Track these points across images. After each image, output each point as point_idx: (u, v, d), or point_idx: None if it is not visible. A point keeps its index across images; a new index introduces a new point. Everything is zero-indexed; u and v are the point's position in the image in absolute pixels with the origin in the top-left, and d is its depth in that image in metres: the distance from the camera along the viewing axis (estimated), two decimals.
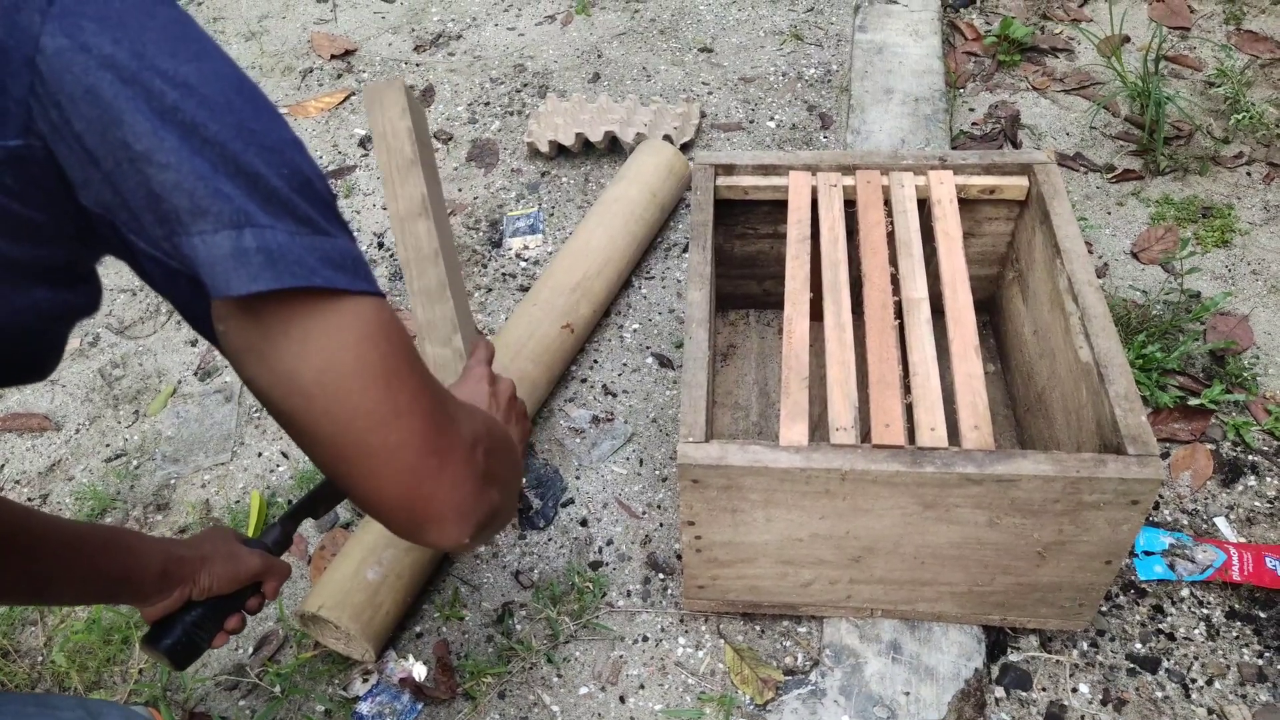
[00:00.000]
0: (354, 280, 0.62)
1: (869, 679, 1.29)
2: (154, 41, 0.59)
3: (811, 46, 2.42)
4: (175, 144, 0.58)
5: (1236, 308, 1.74)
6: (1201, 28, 2.37)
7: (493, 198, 2.10)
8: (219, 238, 0.59)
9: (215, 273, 0.59)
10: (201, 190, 0.58)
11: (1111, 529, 1.13)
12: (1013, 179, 1.45)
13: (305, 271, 0.60)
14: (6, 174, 0.59)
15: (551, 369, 1.63)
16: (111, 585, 0.99)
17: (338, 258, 0.62)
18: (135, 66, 0.58)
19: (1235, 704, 1.27)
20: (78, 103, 0.58)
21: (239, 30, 2.72)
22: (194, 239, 0.59)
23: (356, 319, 0.62)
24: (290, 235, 0.60)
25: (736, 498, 1.16)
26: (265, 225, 0.59)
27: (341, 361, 0.62)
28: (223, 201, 0.59)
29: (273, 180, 0.60)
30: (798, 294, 1.32)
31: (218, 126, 0.59)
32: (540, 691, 1.33)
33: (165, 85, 0.58)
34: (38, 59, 0.57)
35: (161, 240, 0.61)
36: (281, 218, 0.60)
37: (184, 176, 0.58)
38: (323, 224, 0.63)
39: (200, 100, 0.59)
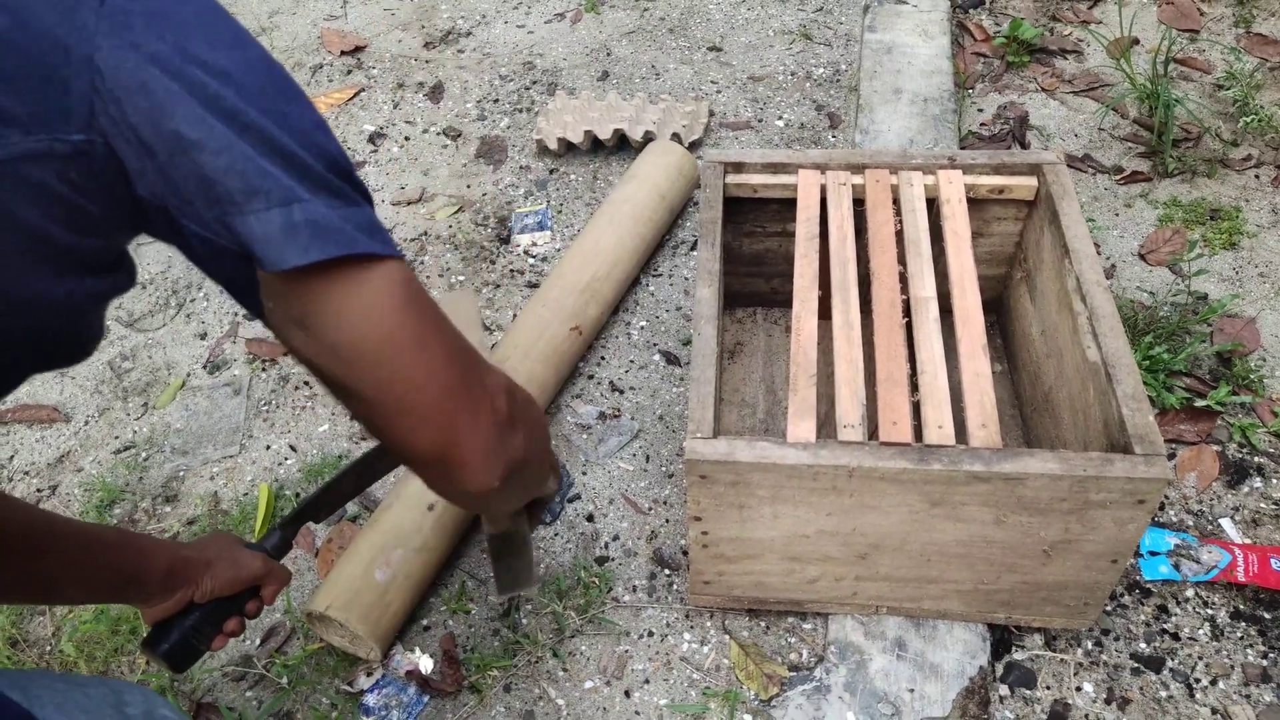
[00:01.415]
0: (385, 245, 0.67)
1: (874, 676, 1.29)
2: (193, 34, 0.63)
3: (820, 46, 2.43)
4: (223, 130, 0.62)
5: (1244, 310, 1.74)
6: (1211, 30, 2.37)
7: (501, 194, 2.11)
8: (271, 214, 0.63)
9: (270, 247, 0.63)
10: (252, 171, 0.62)
11: (1118, 528, 1.13)
12: (1022, 179, 1.45)
13: (347, 240, 0.64)
14: (72, 169, 0.62)
15: (560, 370, 1.64)
16: (118, 586, 1.01)
17: (368, 225, 0.67)
18: (179, 60, 0.61)
19: (1239, 704, 1.27)
20: (133, 96, 0.61)
21: (250, 25, 2.73)
22: (248, 218, 0.63)
23: (387, 282, 0.67)
24: (330, 208, 0.65)
25: (743, 493, 1.16)
26: (308, 199, 0.64)
27: (379, 329, 0.66)
28: (271, 181, 0.63)
29: (307, 159, 0.65)
30: (806, 291, 1.32)
31: (256, 113, 0.63)
32: (546, 685, 1.34)
33: (207, 76, 0.62)
34: (96, 57, 0.60)
35: (213, 221, 0.65)
36: (319, 193, 0.65)
37: (235, 160, 0.62)
38: (353, 195, 0.67)
39: (238, 89, 0.63)
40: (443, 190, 2.13)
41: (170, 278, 2.00)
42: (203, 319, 1.91)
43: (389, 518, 1.38)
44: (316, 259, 0.64)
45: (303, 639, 1.41)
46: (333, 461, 1.63)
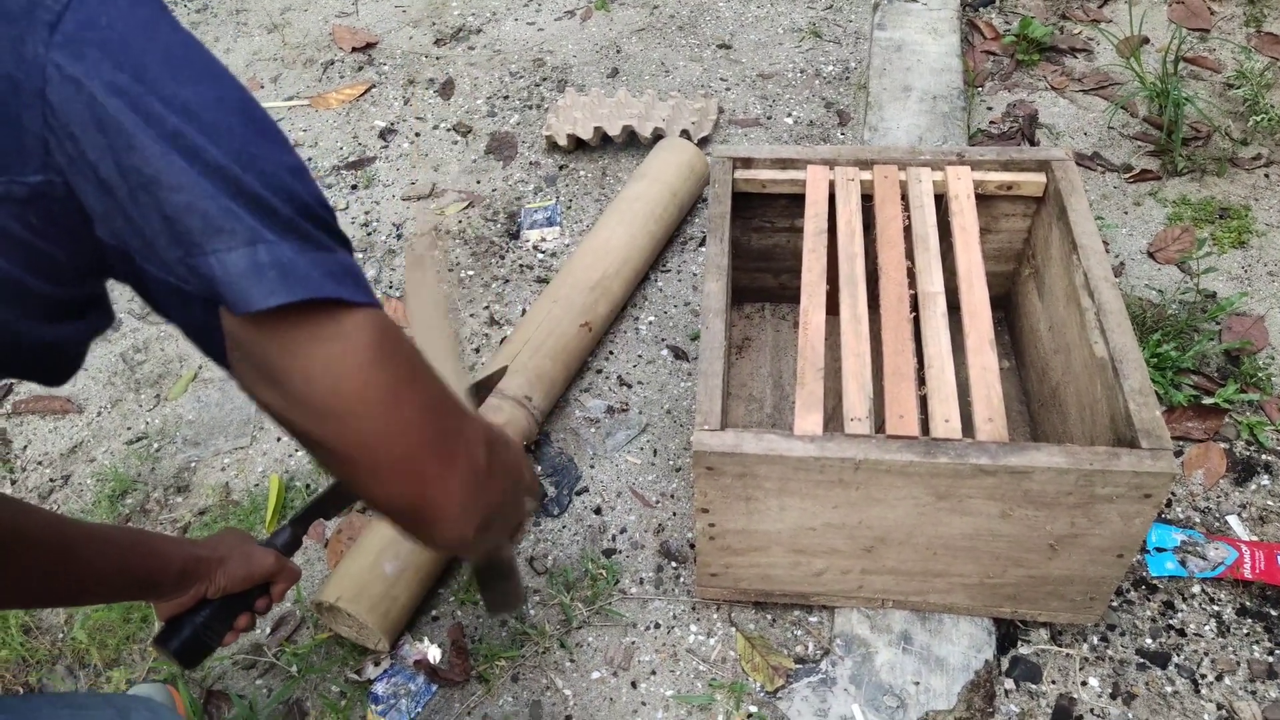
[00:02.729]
0: (356, 292, 0.63)
1: (879, 668, 1.29)
2: (156, 65, 0.59)
3: (830, 44, 2.43)
4: (184, 166, 0.59)
5: (1252, 308, 1.74)
6: (1221, 29, 2.36)
7: (510, 190, 2.12)
8: (235, 255, 0.60)
9: (234, 289, 0.60)
10: (214, 210, 0.59)
11: (1124, 522, 1.13)
12: (1030, 175, 1.45)
13: (314, 284, 0.61)
14: (30, 212, 0.60)
15: (569, 366, 1.65)
16: (135, 586, 1.03)
17: (340, 272, 0.63)
18: (139, 91, 0.58)
19: (1245, 700, 1.27)
20: (89, 132, 0.58)
21: (261, 22, 2.75)
22: (210, 258, 0.60)
23: (360, 332, 0.63)
24: (297, 252, 0.61)
25: (751, 486, 1.17)
26: (274, 241, 0.61)
27: (349, 381, 0.63)
28: (235, 220, 0.60)
29: (274, 202, 0.61)
30: (814, 286, 1.33)
31: (219, 152, 0.60)
32: (553, 675, 1.35)
33: (167, 110, 0.59)
34: (47, 90, 0.57)
35: (176, 264, 0.61)
36: (286, 237, 0.61)
37: (196, 197, 0.59)
38: (325, 240, 0.64)
39: (200, 126, 0.59)
40: (453, 186, 2.15)
41: None
42: None
43: None
44: (284, 301, 0.60)
45: (312, 628, 1.42)
46: None
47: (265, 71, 2.55)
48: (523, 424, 1.53)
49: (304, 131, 2.34)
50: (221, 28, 2.74)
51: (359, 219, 2.09)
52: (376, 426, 0.64)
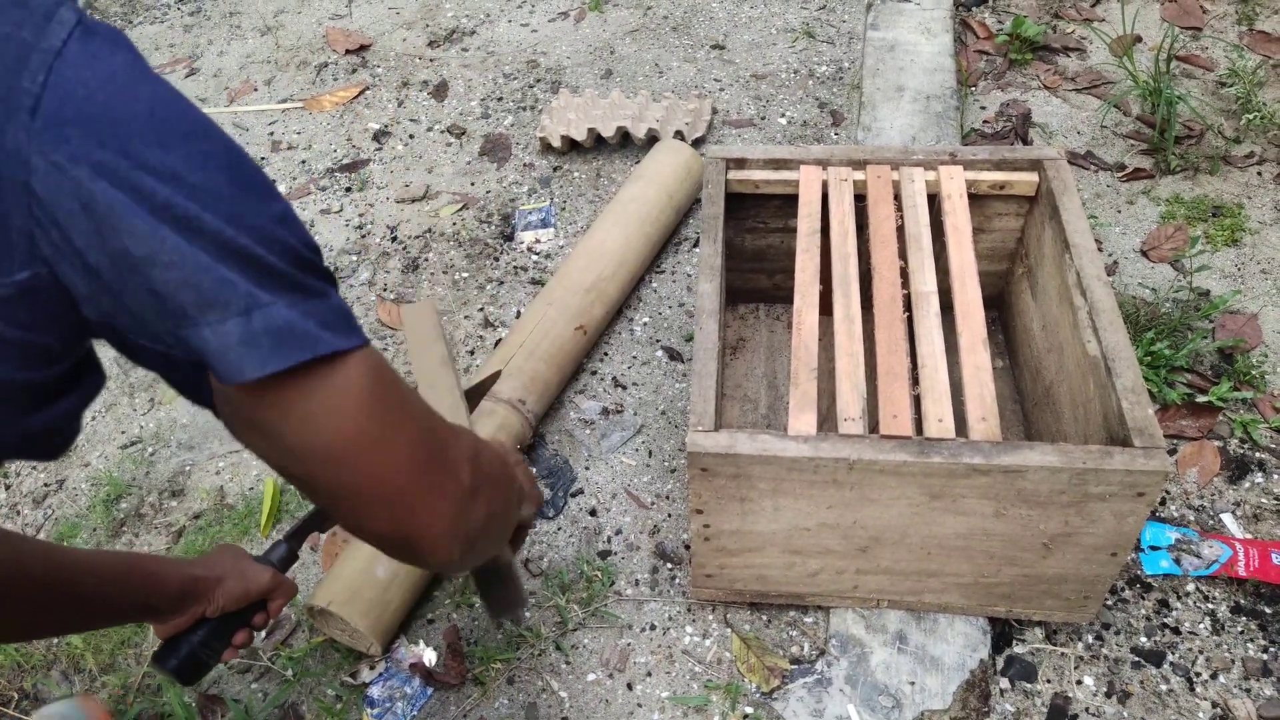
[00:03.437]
0: (348, 337, 0.63)
1: (875, 668, 1.30)
2: (140, 133, 0.58)
3: (823, 44, 2.43)
4: (175, 241, 0.57)
5: (1245, 306, 1.74)
6: (1214, 28, 2.37)
7: (505, 191, 2.12)
8: (228, 325, 0.59)
9: (226, 360, 0.60)
10: (207, 282, 0.58)
11: (1117, 521, 1.14)
12: (1023, 174, 1.46)
13: (310, 342, 0.61)
14: (20, 308, 0.59)
15: (564, 369, 1.65)
16: (133, 611, 1.04)
17: (332, 317, 0.63)
18: (125, 167, 0.57)
19: (1239, 698, 1.27)
20: (75, 218, 0.56)
21: (255, 25, 2.75)
22: (203, 330, 0.59)
23: (350, 379, 0.63)
24: (290, 307, 0.61)
25: (745, 487, 1.17)
26: (268, 303, 0.60)
27: (341, 432, 0.63)
28: (228, 289, 0.59)
29: (267, 257, 0.60)
30: (807, 286, 1.33)
31: (210, 215, 0.58)
32: (549, 678, 1.35)
33: (156, 181, 0.57)
34: (32, 181, 0.55)
35: (165, 334, 0.61)
36: (280, 292, 0.61)
37: (188, 272, 0.58)
38: (316, 286, 0.63)
39: (190, 191, 0.58)
40: (447, 188, 2.15)
41: None
42: None
43: None
44: (276, 369, 0.60)
45: (308, 632, 1.42)
46: None
47: (259, 74, 2.55)
48: (516, 427, 1.53)
49: (298, 134, 2.34)
50: (215, 30, 2.74)
51: (353, 221, 2.09)
52: (369, 469, 0.65)
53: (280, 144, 2.32)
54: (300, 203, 2.15)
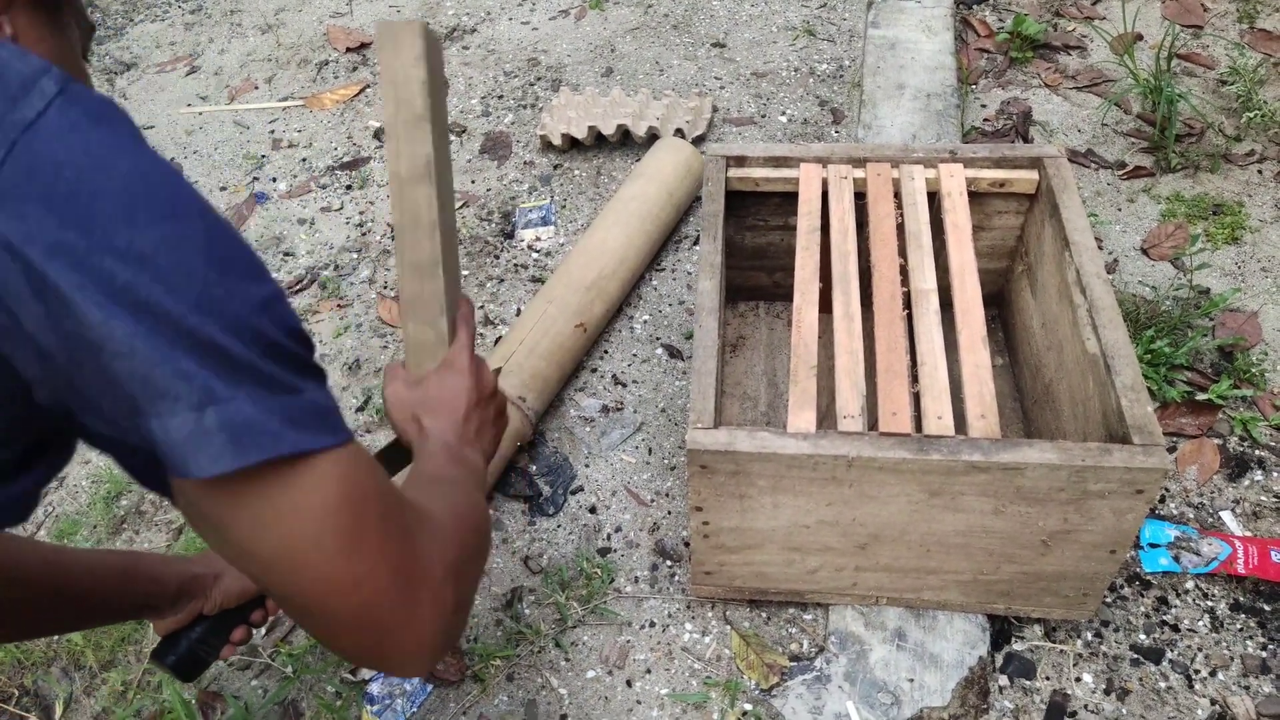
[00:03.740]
0: (318, 436, 0.59)
1: (874, 665, 1.30)
2: (108, 211, 0.55)
3: (824, 42, 2.43)
4: (129, 328, 0.54)
5: (1245, 304, 1.74)
6: (1215, 26, 2.37)
7: (505, 189, 2.12)
8: (178, 420, 0.56)
9: (175, 455, 0.56)
10: (158, 374, 0.55)
11: (1116, 518, 1.14)
12: (1023, 172, 1.46)
13: (270, 441, 0.57)
14: None
15: (564, 367, 1.65)
16: (132, 609, 1.05)
17: (303, 415, 0.59)
18: (84, 247, 0.54)
19: (1238, 695, 1.27)
20: (26, 302, 0.54)
21: (256, 23, 2.75)
22: (152, 420, 0.56)
23: (319, 481, 0.59)
24: (254, 402, 0.57)
25: (744, 484, 1.17)
26: (227, 398, 0.56)
27: (301, 535, 0.59)
28: (182, 381, 0.55)
29: (234, 349, 0.57)
30: (807, 284, 1.33)
31: (174, 301, 0.55)
32: (548, 675, 1.35)
33: (117, 264, 0.54)
34: None
35: (119, 420, 0.58)
36: (244, 384, 0.57)
37: (139, 363, 0.55)
38: (290, 380, 0.59)
39: (156, 274, 0.55)
40: None
41: None
42: None
43: None
44: (228, 470, 0.56)
45: None
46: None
47: (260, 72, 2.55)
48: (517, 425, 1.53)
49: (299, 132, 2.34)
50: (216, 28, 2.74)
51: (354, 219, 2.09)
52: (331, 577, 0.60)
53: (281, 142, 2.32)
54: (301, 200, 2.16)
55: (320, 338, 1.85)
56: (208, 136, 2.37)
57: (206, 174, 2.26)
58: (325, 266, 2.00)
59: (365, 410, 1.72)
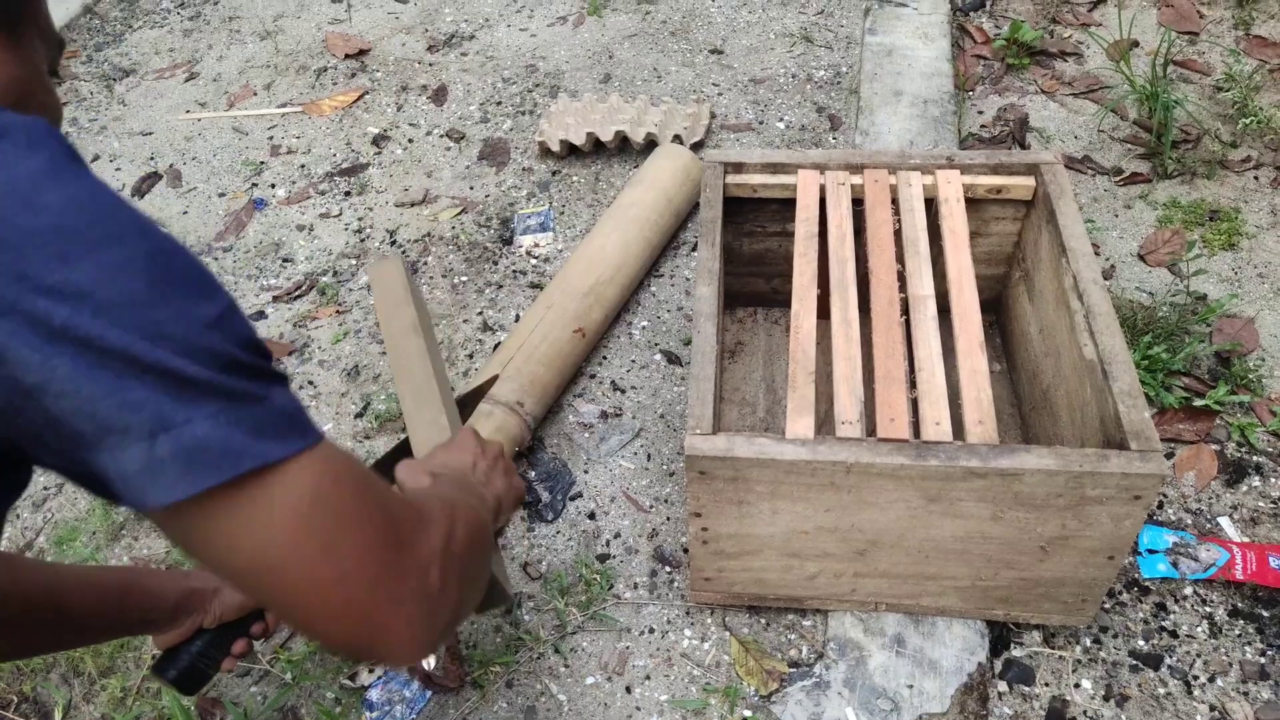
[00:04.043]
0: (287, 442, 0.58)
1: (873, 672, 1.30)
2: (41, 249, 0.53)
3: (821, 49, 2.44)
4: (69, 369, 0.53)
5: (1242, 310, 1.75)
6: (1210, 33, 2.38)
7: (504, 196, 2.12)
8: (129, 451, 0.54)
9: (129, 486, 0.55)
10: (104, 409, 0.53)
11: (1114, 524, 1.14)
12: (1019, 179, 1.46)
13: (232, 459, 0.56)
14: None
15: (563, 373, 1.65)
16: (131, 625, 1.05)
17: (269, 422, 0.58)
18: (16, 292, 0.52)
19: (1237, 701, 1.28)
20: None
21: (254, 30, 2.75)
22: (103, 455, 0.55)
23: (289, 489, 0.58)
24: (213, 419, 0.55)
25: (743, 490, 1.17)
26: (182, 422, 0.54)
27: (277, 542, 0.58)
28: (131, 412, 0.54)
29: (187, 369, 0.55)
30: (805, 290, 1.34)
31: (118, 332, 0.53)
32: (547, 681, 1.35)
33: (53, 305, 0.53)
34: None
35: (69, 455, 0.56)
36: (201, 403, 0.55)
37: (83, 401, 0.53)
38: (251, 390, 0.58)
39: (96, 307, 0.53)
40: (446, 192, 2.15)
41: None
42: None
43: None
44: (184, 496, 0.54)
45: None
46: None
47: (258, 79, 2.56)
48: (514, 430, 1.53)
49: (297, 138, 2.34)
50: (215, 35, 2.75)
51: (352, 225, 2.10)
52: (312, 578, 0.59)
53: (280, 148, 2.32)
54: (300, 207, 2.16)
55: (319, 344, 1.86)
56: (206, 143, 2.37)
57: (205, 180, 2.26)
58: (324, 272, 2.00)
59: (364, 416, 1.72)
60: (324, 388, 1.78)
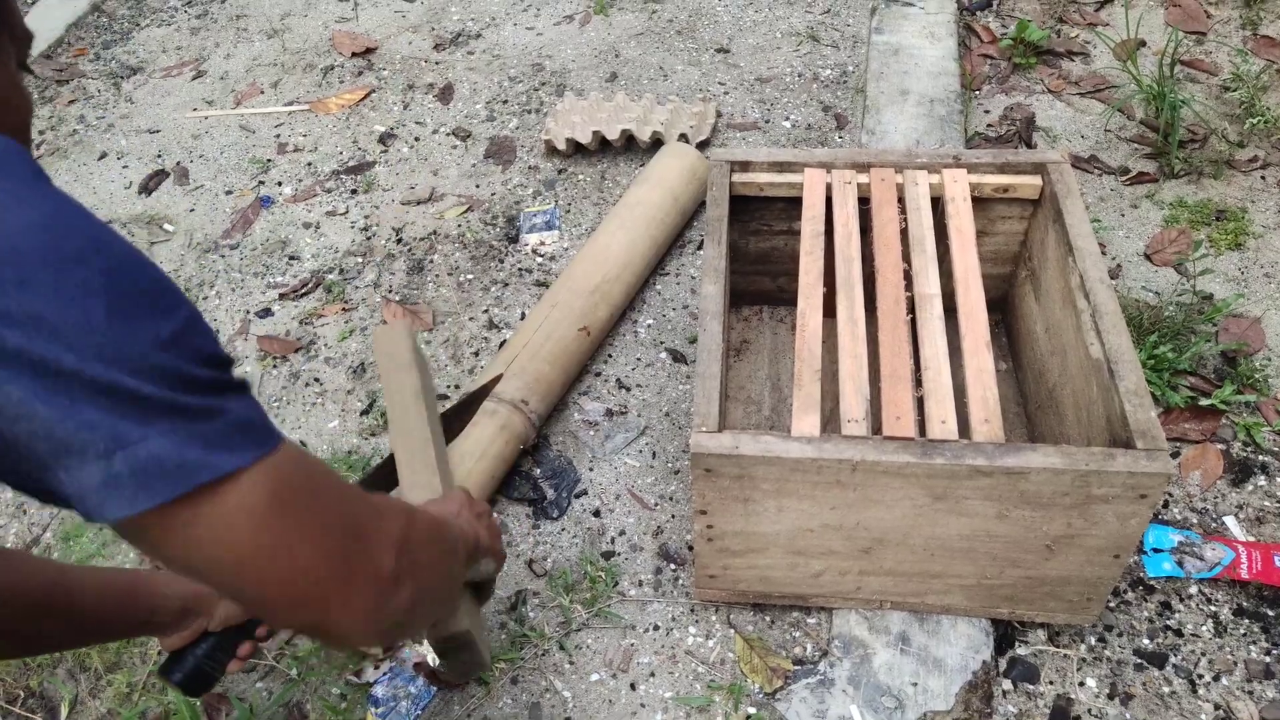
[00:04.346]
0: (244, 452, 0.60)
1: (877, 669, 1.30)
2: None
3: (828, 48, 2.44)
4: (23, 393, 0.54)
5: (1249, 310, 1.74)
6: (1218, 32, 2.37)
7: (510, 194, 2.12)
8: (87, 469, 0.55)
9: (88, 502, 0.56)
10: (61, 430, 0.54)
11: (1120, 523, 1.14)
12: (1026, 178, 1.46)
13: (187, 473, 0.57)
14: None
15: (568, 370, 1.65)
16: (136, 626, 1.06)
17: (224, 435, 0.59)
18: None
19: (1242, 700, 1.27)
20: None
21: (261, 28, 2.76)
22: (60, 473, 0.56)
23: (245, 498, 0.60)
24: (167, 435, 0.57)
25: (748, 487, 1.17)
26: (137, 440, 0.56)
27: (236, 549, 0.60)
28: (87, 432, 0.55)
29: (143, 389, 0.56)
30: (811, 288, 1.34)
31: (73, 355, 0.54)
32: (552, 678, 1.35)
33: (6, 328, 0.53)
34: None
35: (26, 476, 0.57)
36: (156, 420, 0.56)
37: (39, 424, 0.54)
38: (206, 405, 0.59)
39: (51, 332, 0.54)
40: (452, 190, 2.15)
41: (183, 276, 2.02)
42: (214, 316, 1.93)
43: None
44: (144, 509, 0.56)
45: None
46: (342, 458, 1.65)
47: (265, 77, 2.56)
48: (519, 428, 1.54)
49: (304, 136, 2.35)
50: (222, 33, 2.75)
51: (359, 223, 2.10)
52: (271, 575, 0.62)
53: (286, 146, 2.33)
54: (306, 205, 2.16)
55: (325, 341, 1.86)
56: (214, 140, 2.37)
57: (212, 178, 2.27)
58: (330, 270, 2.00)
59: (369, 413, 1.72)
60: (330, 385, 1.78)
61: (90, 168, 2.33)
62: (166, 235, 2.14)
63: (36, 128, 2.46)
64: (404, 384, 1.21)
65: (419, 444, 1.18)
